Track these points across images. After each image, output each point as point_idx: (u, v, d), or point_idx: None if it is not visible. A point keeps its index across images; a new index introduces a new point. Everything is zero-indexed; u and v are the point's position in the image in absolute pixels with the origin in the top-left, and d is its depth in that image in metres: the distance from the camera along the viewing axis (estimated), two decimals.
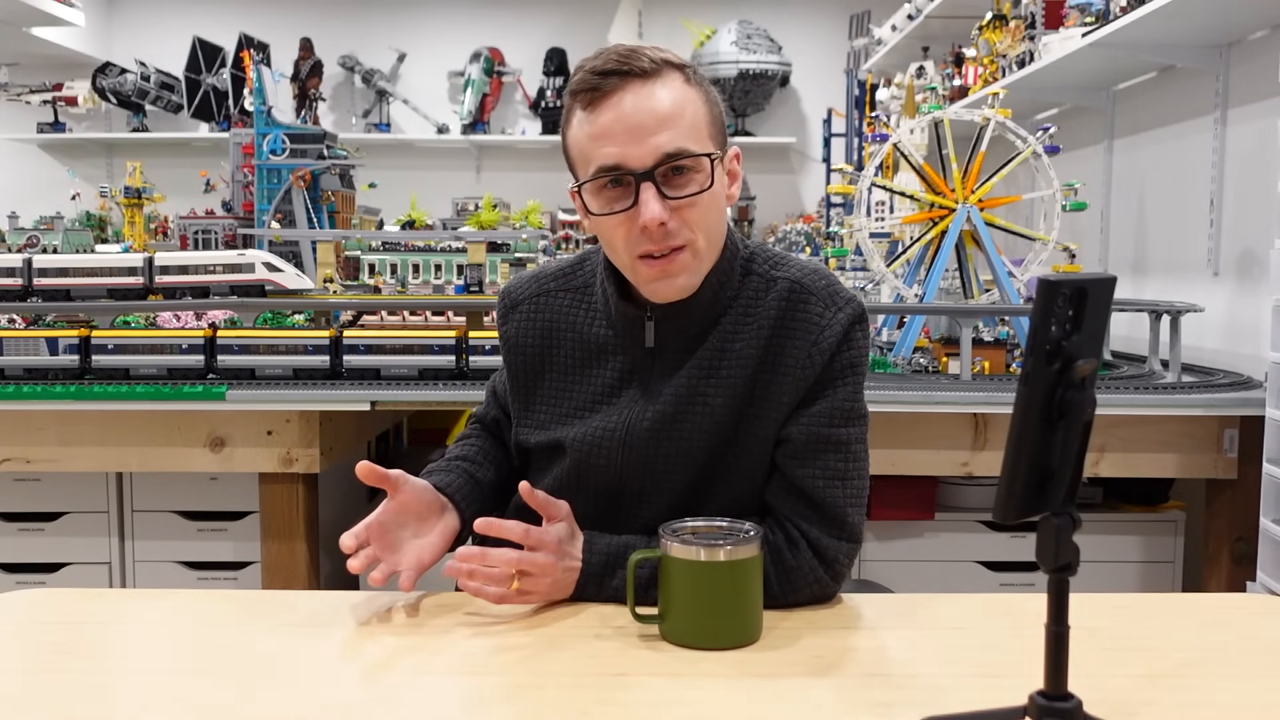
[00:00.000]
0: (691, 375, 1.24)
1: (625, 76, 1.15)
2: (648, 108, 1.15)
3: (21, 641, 1.11)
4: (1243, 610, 1.24)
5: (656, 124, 1.15)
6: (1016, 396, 0.81)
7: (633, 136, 1.15)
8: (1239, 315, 2.66)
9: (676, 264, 1.19)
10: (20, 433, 2.38)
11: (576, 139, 1.19)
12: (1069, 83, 3.30)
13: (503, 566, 1.15)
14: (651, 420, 1.24)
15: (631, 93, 1.15)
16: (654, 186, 1.15)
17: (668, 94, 1.16)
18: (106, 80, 5.02)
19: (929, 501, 2.54)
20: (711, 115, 1.20)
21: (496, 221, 3.16)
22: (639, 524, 1.24)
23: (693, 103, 1.18)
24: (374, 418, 2.71)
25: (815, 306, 1.23)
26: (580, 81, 1.17)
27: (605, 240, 1.22)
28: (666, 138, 1.15)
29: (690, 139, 1.16)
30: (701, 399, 1.23)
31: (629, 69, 1.15)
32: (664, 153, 1.15)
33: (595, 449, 1.25)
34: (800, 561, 1.19)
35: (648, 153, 1.15)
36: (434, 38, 5.47)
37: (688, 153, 1.16)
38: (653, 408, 1.24)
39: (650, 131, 1.14)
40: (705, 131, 1.19)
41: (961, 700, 0.94)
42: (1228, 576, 2.34)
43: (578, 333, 1.30)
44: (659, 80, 1.16)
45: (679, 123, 1.15)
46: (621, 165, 1.15)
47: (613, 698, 0.96)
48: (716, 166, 1.19)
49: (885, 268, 2.66)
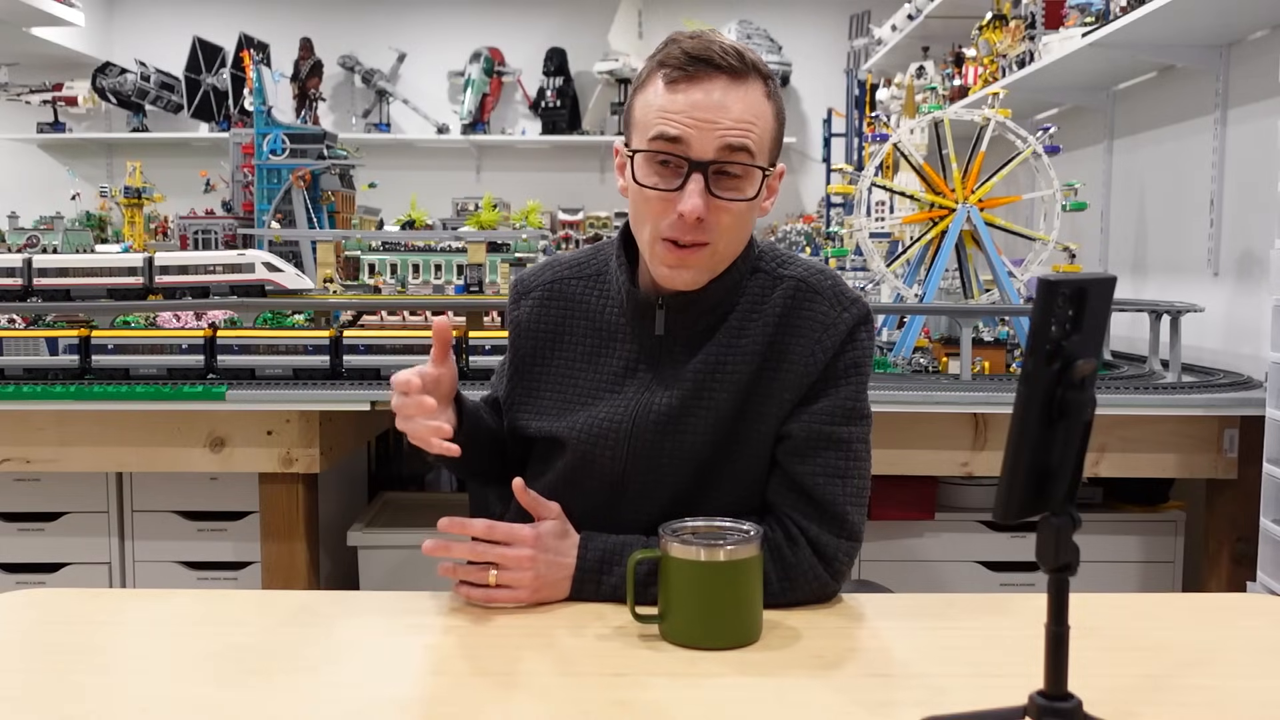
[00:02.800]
0: (697, 371, 1.24)
1: (718, 70, 1.17)
2: (727, 104, 1.17)
3: (21, 641, 1.11)
4: (1243, 610, 1.24)
5: (730, 122, 1.16)
6: (1016, 396, 0.81)
7: (703, 125, 1.16)
8: (1239, 315, 2.66)
9: (695, 258, 1.20)
10: (20, 433, 2.38)
11: (648, 105, 1.20)
12: (1069, 83, 3.30)
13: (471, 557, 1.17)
14: (657, 414, 1.24)
15: (719, 86, 1.17)
16: (704, 180, 1.17)
17: (749, 100, 1.18)
18: (106, 80, 5.02)
19: (929, 501, 2.54)
20: (776, 133, 1.23)
21: (496, 221, 3.16)
22: (641, 520, 1.24)
23: (765, 116, 1.20)
24: (374, 418, 2.70)
25: (821, 305, 1.24)
26: (672, 56, 1.18)
27: (636, 210, 1.23)
28: (734, 137, 1.16)
29: (756, 145, 1.18)
30: (707, 394, 1.24)
31: (724, 64, 1.17)
32: (727, 145, 1.16)
33: (599, 441, 1.25)
34: (800, 558, 1.19)
35: (711, 145, 1.16)
36: (434, 38, 5.47)
37: (747, 155, 1.18)
38: (658, 402, 1.24)
39: (721, 127, 1.16)
40: (768, 144, 1.21)
41: (961, 700, 0.94)
42: (1228, 576, 2.34)
43: (590, 317, 1.31)
44: (746, 84, 1.18)
45: (749, 130, 1.17)
46: (683, 142, 1.17)
47: (613, 698, 0.96)
48: (765, 181, 1.21)
49: (885, 268, 2.66)
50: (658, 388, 1.25)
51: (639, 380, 1.27)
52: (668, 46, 1.19)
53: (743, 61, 1.18)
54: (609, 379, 1.28)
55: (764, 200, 1.23)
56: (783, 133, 1.25)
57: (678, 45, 1.18)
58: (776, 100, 1.22)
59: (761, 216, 1.26)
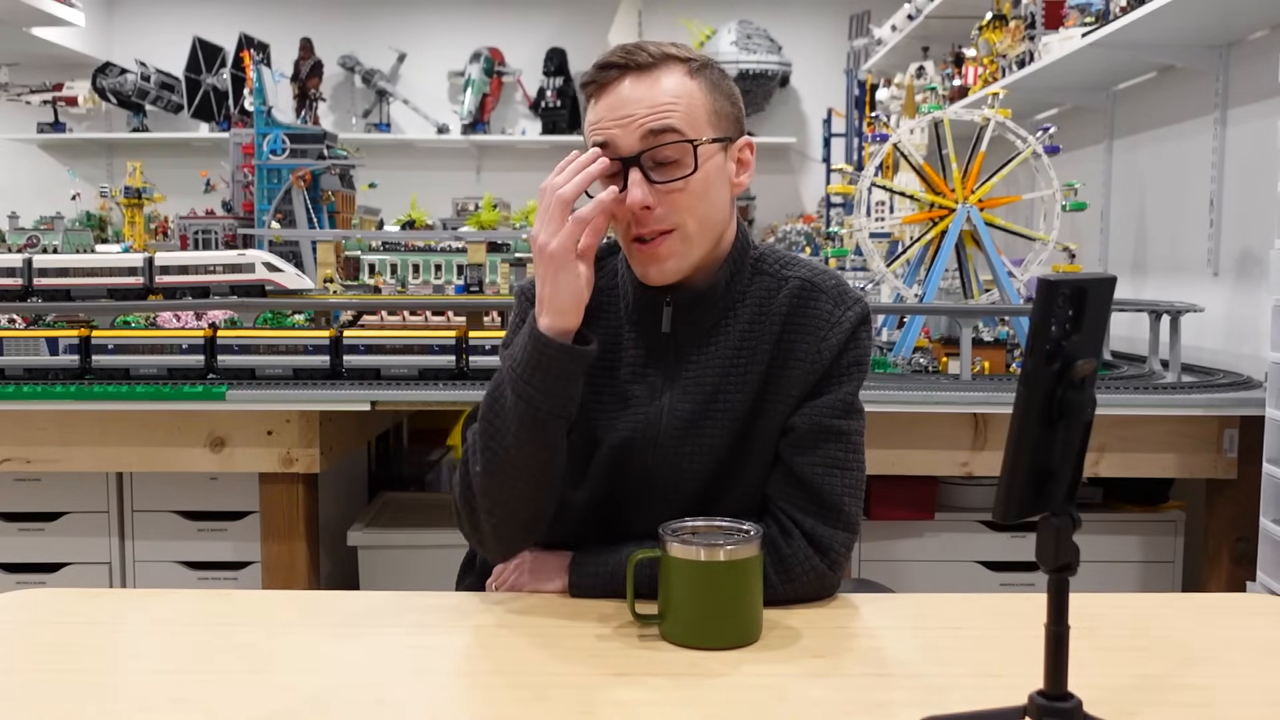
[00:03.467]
0: (713, 374, 1.26)
1: (624, 69, 1.19)
2: (638, 96, 1.19)
3: (21, 641, 1.11)
4: (1243, 610, 1.24)
5: (645, 110, 1.18)
6: (1016, 396, 0.81)
7: (622, 122, 1.18)
8: (1239, 315, 2.66)
9: (663, 248, 1.21)
10: (20, 433, 2.38)
11: (587, 125, 1.24)
12: (1069, 83, 3.30)
13: None
14: (680, 420, 1.25)
15: (627, 83, 1.19)
16: (640, 170, 1.18)
17: (664, 84, 1.19)
18: (106, 80, 5.03)
19: (929, 501, 2.54)
20: (713, 106, 1.22)
21: (496, 221, 3.16)
22: (661, 519, 1.24)
23: (690, 93, 1.20)
24: (374, 418, 2.71)
25: (825, 304, 1.26)
26: (585, 75, 1.23)
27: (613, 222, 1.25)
28: (652, 122, 1.18)
29: (681, 121, 1.19)
30: (723, 397, 1.25)
31: (628, 62, 1.19)
32: (648, 130, 1.17)
33: (626, 453, 1.26)
34: (794, 550, 1.20)
35: (634, 136, 1.18)
36: (434, 38, 5.47)
37: (673, 135, 1.18)
38: (680, 408, 1.26)
39: (638, 117, 1.18)
40: (702, 117, 1.21)
41: (961, 700, 0.94)
42: (1228, 576, 2.34)
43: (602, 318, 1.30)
44: (657, 71, 1.20)
45: (670, 110, 1.18)
46: (611, 145, 1.19)
47: (613, 698, 0.96)
48: (710, 153, 1.21)
49: (885, 268, 2.66)
50: (675, 393, 1.26)
51: (650, 384, 1.27)
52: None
53: (649, 55, 1.19)
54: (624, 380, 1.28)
55: (734, 175, 1.25)
56: (732, 106, 1.24)
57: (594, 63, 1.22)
58: (708, 77, 1.22)
59: (738, 191, 1.27)
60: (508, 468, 1.18)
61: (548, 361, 1.15)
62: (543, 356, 1.15)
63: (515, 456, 1.18)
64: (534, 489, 1.20)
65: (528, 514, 1.22)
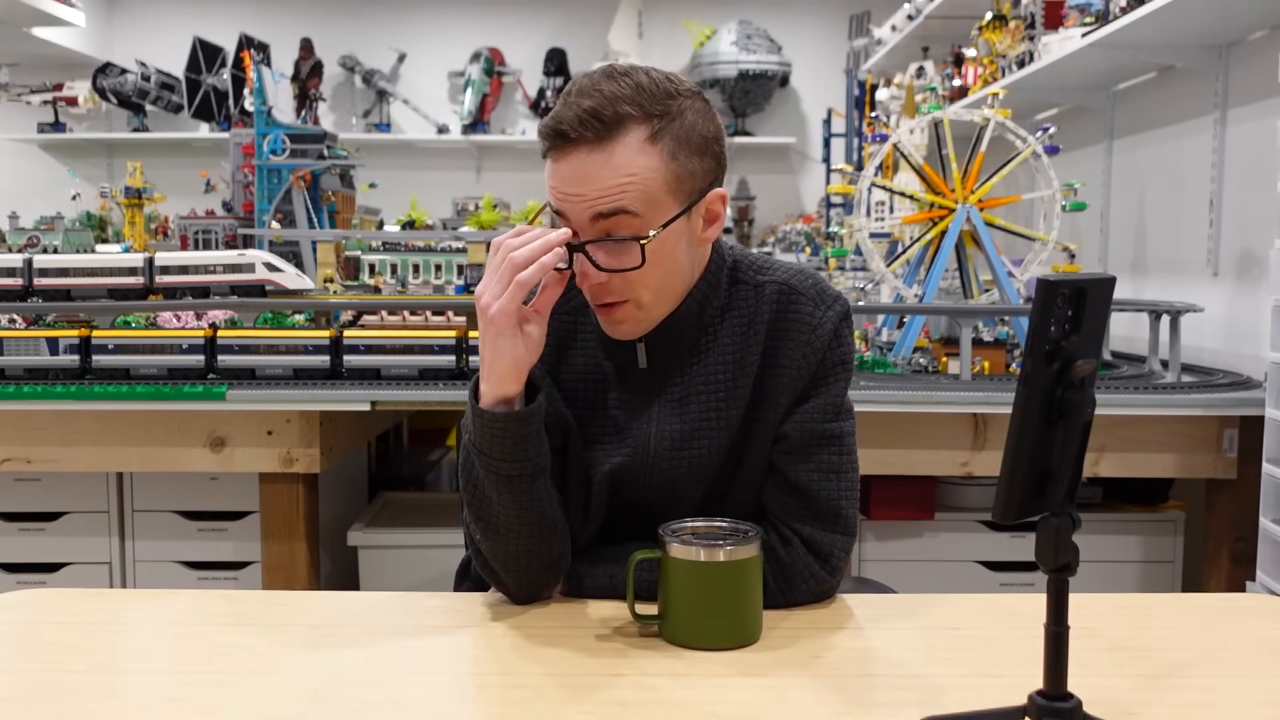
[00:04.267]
0: (701, 391, 1.25)
1: (575, 144, 1.12)
2: (590, 174, 1.12)
3: (21, 641, 1.11)
4: (1243, 610, 1.24)
5: (596, 192, 1.12)
6: (1016, 397, 0.81)
7: (572, 199, 1.14)
8: (1239, 315, 2.66)
9: (619, 314, 1.19)
10: (20, 433, 2.38)
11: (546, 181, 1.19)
12: (1069, 83, 3.30)
13: None
14: (670, 442, 1.25)
15: (579, 157, 1.12)
16: (585, 255, 1.14)
17: (617, 159, 1.12)
18: (107, 80, 5.03)
19: (929, 501, 2.54)
20: (674, 172, 1.14)
21: (496, 221, 3.16)
22: (649, 536, 1.24)
23: (647, 165, 1.13)
24: (374, 418, 2.71)
25: (806, 306, 1.25)
26: (544, 126, 1.15)
27: None
28: (604, 204, 1.13)
29: (635, 202, 1.13)
30: (715, 413, 1.25)
31: (578, 136, 1.11)
32: (598, 213, 1.13)
33: (620, 481, 1.26)
34: (794, 557, 1.20)
35: (584, 217, 1.14)
36: (434, 38, 5.47)
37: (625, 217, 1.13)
38: (667, 430, 1.25)
39: (588, 198, 1.13)
40: (660, 190, 1.14)
41: (961, 700, 0.94)
42: (1228, 576, 2.34)
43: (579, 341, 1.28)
44: (612, 143, 1.12)
45: (623, 191, 1.12)
46: (564, 215, 1.16)
47: (613, 698, 0.96)
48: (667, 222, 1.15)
49: (885, 268, 2.66)
50: (663, 415, 1.25)
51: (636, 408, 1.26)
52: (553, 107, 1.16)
53: (605, 124, 1.11)
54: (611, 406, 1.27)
55: (703, 230, 1.20)
56: (700, 159, 1.17)
57: (554, 110, 1.15)
58: (673, 135, 1.14)
59: (705, 244, 1.22)
60: (504, 531, 1.16)
61: (499, 432, 1.12)
62: (491, 429, 1.12)
63: (507, 520, 1.16)
64: (539, 541, 1.18)
65: (544, 562, 1.20)
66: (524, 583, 1.20)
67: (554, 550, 1.20)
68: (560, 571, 1.23)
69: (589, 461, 1.27)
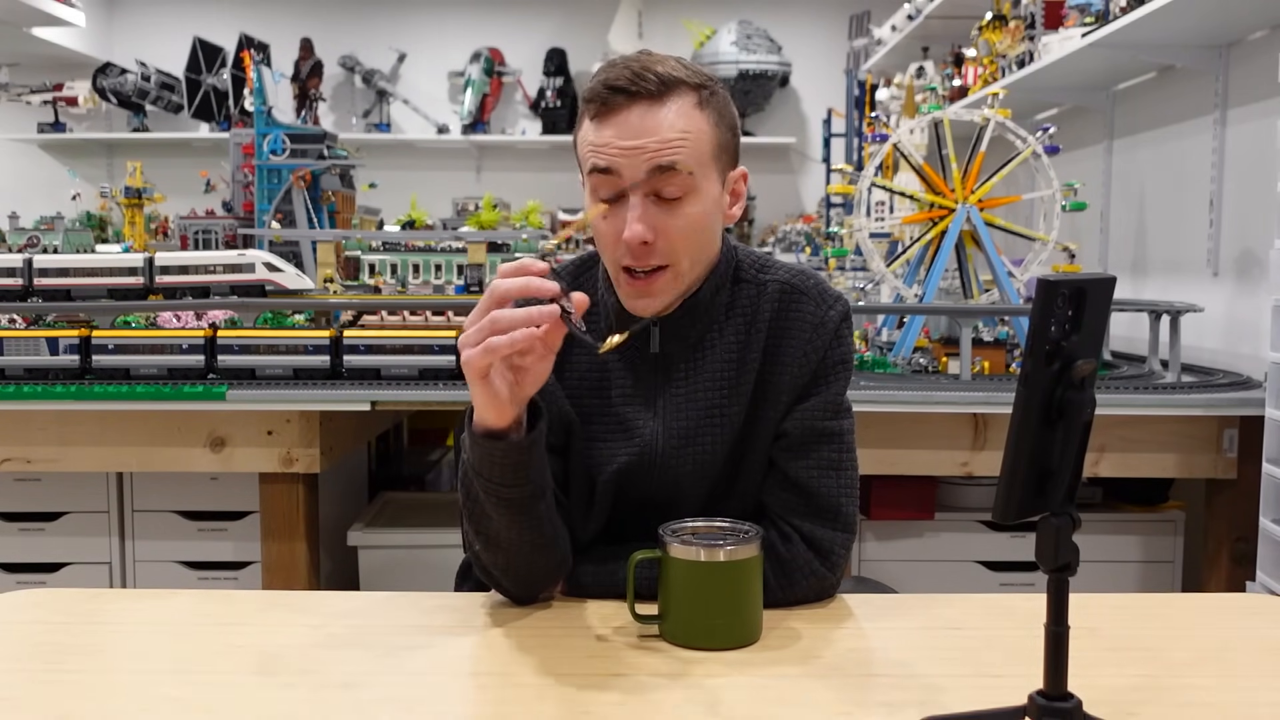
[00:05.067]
0: (706, 389, 1.25)
1: (634, 96, 1.15)
2: (648, 127, 1.15)
3: (21, 641, 1.11)
4: (1243, 610, 1.24)
5: (654, 144, 1.15)
6: (1016, 397, 0.81)
7: (629, 153, 1.15)
8: (1239, 315, 2.66)
9: (657, 284, 1.20)
10: (20, 433, 2.38)
11: (584, 142, 1.20)
12: (1069, 83, 3.30)
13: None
14: (677, 440, 1.25)
15: (638, 112, 1.15)
16: (640, 204, 1.16)
17: (674, 116, 1.16)
18: (107, 80, 5.02)
19: (929, 501, 2.54)
20: (718, 139, 1.20)
21: (496, 221, 3.16)
22: (650, 533, 1.24)
23: (698, 126, 1.17)
24: (374, 418, 2.71)
25: (808, 305, 1.26)
26: (592, 92, 1.18)
27: (597, 238, 1.23)
28: (661, 156, 1.15)
29: (689, 159, 1.16)
30: (718, 411, 1.25)
31: (638, 89, 1.15)
32: (655, 166, 1.15)
33: (625, 479, 1.26)
34: (794, 554, 1.20)
35: (641, 169, 1.15)
36: (434, 38, 5.47)
37: (679, 170, 1.15)
38: (673, 427, 1.25)
39: (646, 150, 1.15)
40: (708, 153, 1.18)
41: (961, 700, 0.94)
42: (1228, 576, 2.34)
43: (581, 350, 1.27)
44: (667, 101, 1.16)
45: (678, 144, 1.15)
46: (614, 172, 1.16)
47: (613, 698, 0.96)
48: (711, 188, 1.19)
49: (885, 268, 2.66)
50: (669, 413, 1.26)
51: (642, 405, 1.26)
52: (592, 80, 1.18)
53: (661, 81, 1.15)
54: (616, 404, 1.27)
55: (728, 207, 1.23)
56: (733, 136, 1.23)
57: (599, 78, 1.17)
58: (716, 106, 1.20)
59: (728, 224, 1.25)
60: (505, 545, 1.16)
61: (496, 460, 1.11)
62: (489, 457, 1.11)
63: (507, 536, 1.16)
64: (540, 553, 1.18)
65: (544, 569, 1.20)
66: (524, 587, 1.21)
67: (555, 559, 1.20)
68: (562, 573, 1.23)
69: (593, 459, 1.27)
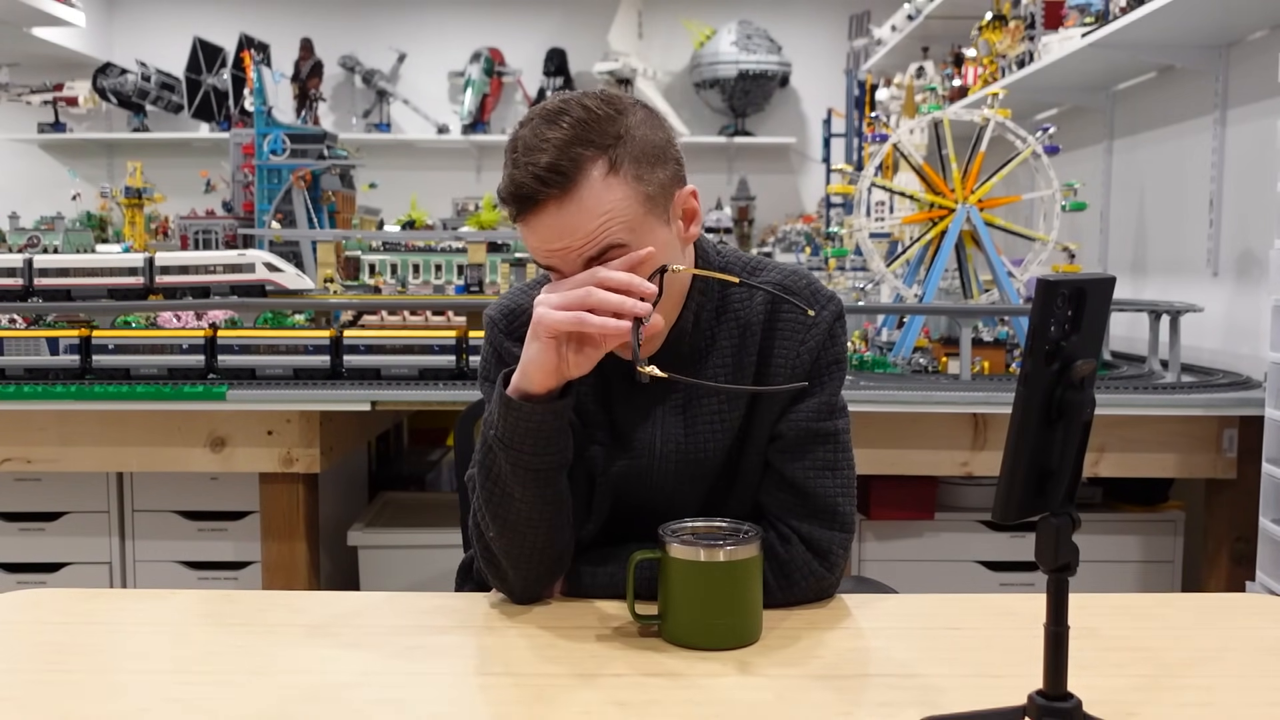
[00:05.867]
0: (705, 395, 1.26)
1: (542, 202, 1.10)
2: (568, 225, 1.11)
3: (21, 641, 1.11)
4: (1243, 610, 1.24)
5: (580, 240, 1.11)
6: (1016, 397, 0.81)
7: (560, 254, 1.13)
8: (1238, 315, 2.66)
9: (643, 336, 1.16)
10: (21, 433, 2.38)
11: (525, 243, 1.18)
12: (1069, 83, 3.30)
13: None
14: (676, 446, 1.26)
15: (550, 212, 1.10)
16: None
17: (589, 202, 1.10)
18: (107, 80, 5.02)
19: (929, 501, 2.54)
20: (644, 194, 1.13)
21: (496, 221, 3.16)
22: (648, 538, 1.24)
23: (617, 196, 1.11)
24: (374, 418, 2.71)
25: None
26: (504, 193, 1.13)
27: None
28: (591, 247, 1.11)
29: (620, 234, 1.12)
30: (719, 415, 1.26)
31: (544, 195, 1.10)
32: (590, 258, 1.12)
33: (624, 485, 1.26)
34: (793, 554, 1.20)
35: (577, 264, 1.13)
36: (434, 38, 5.47)
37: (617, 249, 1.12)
38: (672, 434, 1.26)
39: (572, 249, 1.12)
40: (639, 215, 1.13)
41: (961, 700, 0.94)
42: (1227, 576, 2.35)
43: None
44: (577, 188, 1.10)
45: (604, 229, 1.11)
46: (558, 270, 1.15)
47: (613, 698, 0.96)
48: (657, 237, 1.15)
49: (885, 268, 2.66)
50: (668, 420, 1.26)
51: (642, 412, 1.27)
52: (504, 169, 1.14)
53: (562, 172, 1.09)
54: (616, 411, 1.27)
55: (685, 231, 1.20)
56: (662, 167, 1.15)
57: (505, 175, 1.13)
58: (630, 157, 1.12)
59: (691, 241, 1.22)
60: (521, 526, 1.16)
61: (529, 424, 1.12)
62: (522, 421, 1.11)
63: (527, 514, 1.16)
64: (552, 538, 1.18)
65: (551, 559, 1.20)
66: (529, 580, 1.20)
67: (565, 543, 1.21)
68: (563, 569, 1.23)
69: (592, 464, 1.27)
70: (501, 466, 1.15)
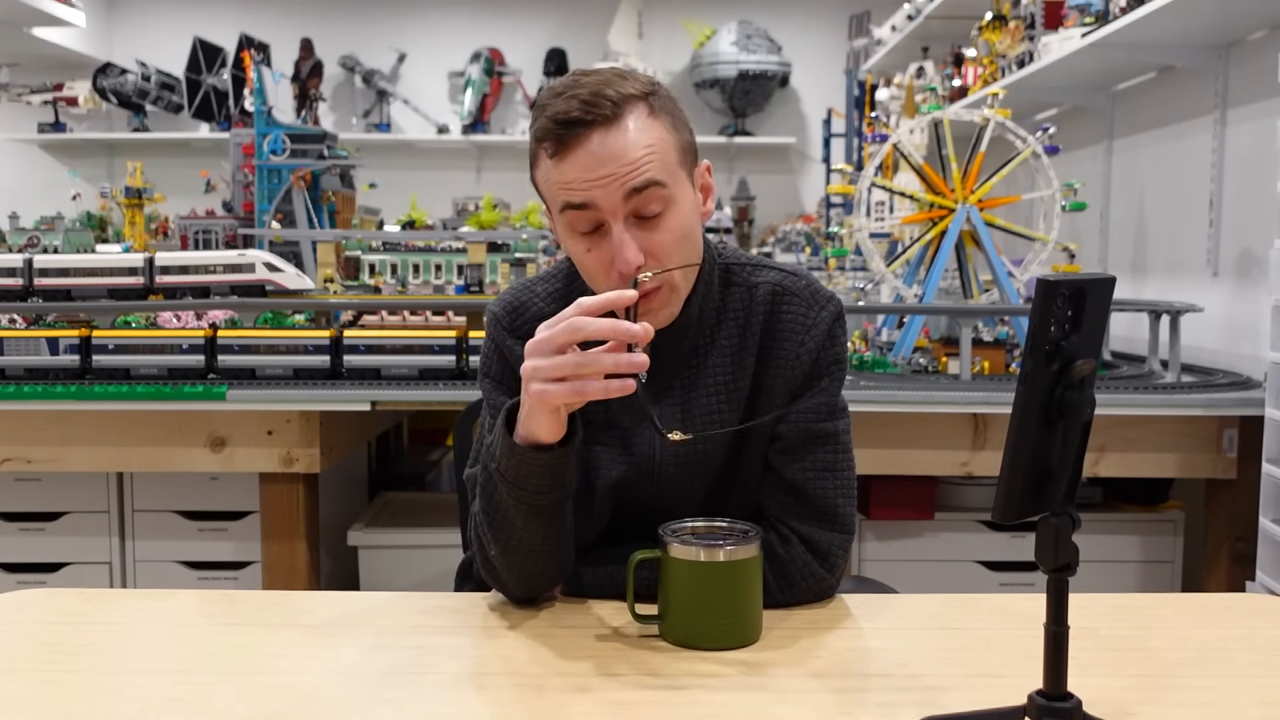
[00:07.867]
0: (704, 396, 1.25)
1: (590, 125, 1.12)
2: (613, 152, 1.12)
3: (21, 641, 1.11)
4: (1242, 610, 1.24)
5: (624, 168, 1.12)
6: (1015, 397, 0.81)
7: (601, 182, 1.12)
8: (1238, 315, 2.66)
9: (656, 301, 1.17)
10: (21, 433, 2.38)
11: (548, 181, 1.17)
12: (1069, 83, 3.30)
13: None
14: (675, 449, 1.25)
15: (596, 140, 1.12)
16: (624, 227, 1.13)
17: (633, 133, 1.12)
18: (107, 80, 5.02)
19: (929, 501, 2.54)
20: (679, 141, 1.17)
21: (496, 222, 3.16)
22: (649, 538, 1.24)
23: (659, 135, 1.14)
24: (374, 418, 2.71)
25: (799, 307, 1.26)
26: (544, 130, 1.14)
27: (584, 271, 1.20)
28: (634, 177, 1.12)
29: (660, 172, 1.14)
30: (718, 416, 1.25)
31: (593, 117, 1.12)
32: (630, 188, 1.12)
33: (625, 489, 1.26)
34: (793, 556, 1.20)
35: (617, 196, 1.12)
36: (434, 38, 5.47)
37: (655, 187, 1.13)
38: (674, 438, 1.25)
39: (617, 177, 1.12)
40: (675, 160, 1.16)
41: (961, 700, 0.94)
42: (1227, 576, 2.35)
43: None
44: (623, 119, 1.12)
45: (647, 160, 1.13)
46: (590, 205, 1.14)
47: (613, 698, 0.96)
48: (686, 193, 1.17)
49: (885, 268, 2.66)
50: (668, 421, 1.25)
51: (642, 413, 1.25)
52: (538, 118, 1.15)
53: (609, 101, 1.12)
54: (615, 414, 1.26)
55: (701, 204, 1.22)
56: (687, 137, 1.20)
57: (548, 113, 1.14)
58: (667, 109, 1.17)
59: (706, 219, 1.23)
60: (524, 549, 1.16)
61: (535, 468, 1.10)
62: (530, 467, 1.10)
63: (529, 541, 1.15)
64: (553, 558, 1.18)
65: (552, 572, 1.20)
66: (531, 588, 1.20)
67: (566, 559, 1.21)
68: (564, 574, 1.23)
69: (593, 467, 1.27)
70: (504, 498, 1.14)
